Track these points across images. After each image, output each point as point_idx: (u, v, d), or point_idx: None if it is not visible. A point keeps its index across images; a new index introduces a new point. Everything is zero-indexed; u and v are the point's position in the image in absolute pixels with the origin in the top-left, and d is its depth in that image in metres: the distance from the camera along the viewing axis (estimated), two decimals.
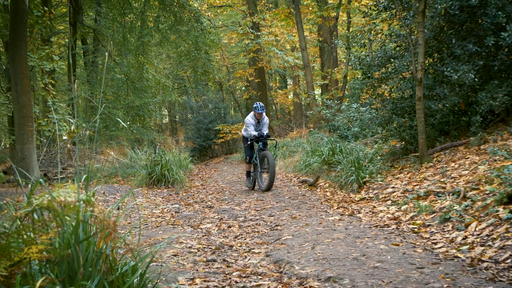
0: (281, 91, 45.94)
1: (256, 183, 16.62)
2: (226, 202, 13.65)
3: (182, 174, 18.22)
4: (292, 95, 43.93)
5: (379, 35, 15.88)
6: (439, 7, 13.38)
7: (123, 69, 27.48)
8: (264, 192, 15.31)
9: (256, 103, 16.15)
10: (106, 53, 6.18)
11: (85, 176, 4.56)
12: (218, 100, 41.18)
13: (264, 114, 16.20)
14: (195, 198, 14.80)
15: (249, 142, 16.33)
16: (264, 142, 16.18)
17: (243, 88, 41.85)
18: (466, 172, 11.11)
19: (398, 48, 14.98)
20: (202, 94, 40.67)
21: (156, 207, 12.64)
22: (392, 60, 14.77)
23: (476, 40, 13.51)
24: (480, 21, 13.44)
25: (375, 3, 15.65)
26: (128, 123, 28.77)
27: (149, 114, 31.77)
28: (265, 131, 16.17)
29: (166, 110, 54.25)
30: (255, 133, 15.83)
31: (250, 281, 6.34)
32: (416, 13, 14.01)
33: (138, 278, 4.19)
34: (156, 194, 15.28)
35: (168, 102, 44.84)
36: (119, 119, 10.96)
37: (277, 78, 47.76)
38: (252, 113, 16.34)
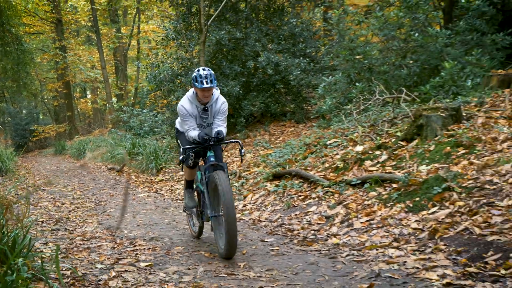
0: (82, 99, 44.72)
1: (214, 237, 5.63)
2: (54, 185, 13.01)
3: (11, 165, 17.12)
4: (91, 103, 43.07)
5: (169, 58, 15.99)
6: (214, 38, 13.79)
7: None
8: (224, 258, 5.30)
9: (198, 70, 5.68)
10: None
11: None
12: (32, 107, 39.88)
13: (217, 92, 5.95)
14: (27, 184, 13.97)
15: (183, 155, 5.85)
16: (217, 151, 5.91)
17: (51, 97, 39.99)
18: (237, 158, 11.58)
19: (183, 68, 15.19)
20: (18, 102, 38.98)
21: None
22: (179, 77, 14.96)
23: (240, 63, 14.11)
24: (243, 49, 14.04)
25: (166, 34, 15.80)
26: None
27: None
28: (220, 127, 5.85)
29: None
30: (195, 134, 5.76)
31: (92, 243, 6.24)
32: (197, 43, 14.33)
33: (28, 242, 4.02)
34: None
35: None
36: None
37: (78, 89, 46.13)
38: (192, 90, 5.88)
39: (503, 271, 3.99)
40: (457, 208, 5.24)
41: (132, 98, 30.02)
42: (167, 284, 4.45)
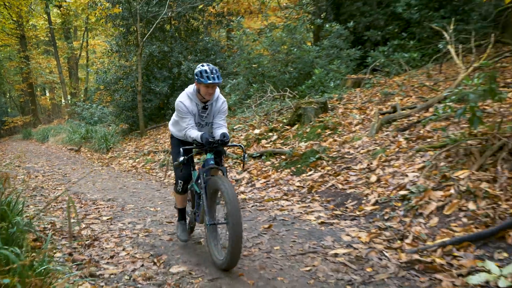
0: (43, 97, 42.29)
1: (208, 245, 3.63)
2: (28, 163, 12.18)
3: None
4: (50, 100, 40.86)
5: (113, 66, 15.39)
6: (147, 51, 13.45)
7: None
8: (223, 269, 3.32)
9: (202, 65, 3.55)
10: None
11: None
12: (2, 103, 37.30)
13: (217, 90, 3.72)
14: (4, 162, 12.95)
15: (183, 156, 3.49)
16: (219, 153, 3.67)
17: (18, 95, 37.44)
18: (168, 140, 11.40)
19: (124, 73, 14.64)
20: None
21: None
22: (121, 80, 14.47)
23: (168, 69, 13.87)
24: (169, 59, 13.80)
25: (110, 47, 15.21)
26: None
27: None
28: (224, 129, 3.71)
29: None
30: (197, 135, 3.51)
31: (63, 204, 6.04)
32: (135, 54, 13.92)
33: (21, 205, 3.82)
34: None
35: None
36: None
37: (39, 89, 43.46)
38: (191, 87, 3.69)
39: (358, 213, 4.30)
40: (326, 171, 5.52)
41: (83, 96, 29.12)
42: (124, 231, 4.43)
